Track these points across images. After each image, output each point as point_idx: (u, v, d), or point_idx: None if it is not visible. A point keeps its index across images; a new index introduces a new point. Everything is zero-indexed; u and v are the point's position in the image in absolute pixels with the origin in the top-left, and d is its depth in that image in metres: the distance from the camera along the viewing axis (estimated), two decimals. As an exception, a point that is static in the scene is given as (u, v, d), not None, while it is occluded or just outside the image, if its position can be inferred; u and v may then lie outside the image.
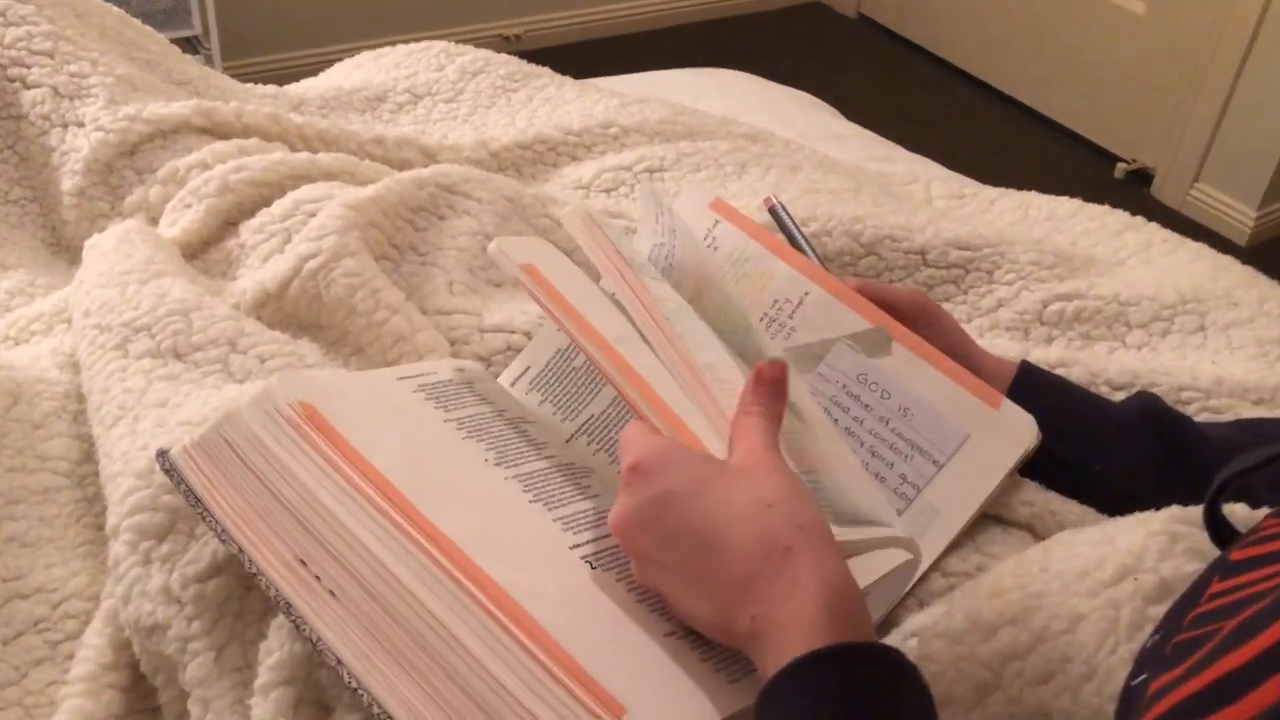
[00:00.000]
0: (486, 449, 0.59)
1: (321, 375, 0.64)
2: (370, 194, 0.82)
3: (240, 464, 0.55)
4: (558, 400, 0.69)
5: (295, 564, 0.52)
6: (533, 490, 0.57)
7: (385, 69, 1.24)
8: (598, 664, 0.48)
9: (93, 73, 1.00)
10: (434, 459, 0.57)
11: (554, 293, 0.58)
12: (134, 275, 0.77)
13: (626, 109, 1.14)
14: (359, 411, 0.57)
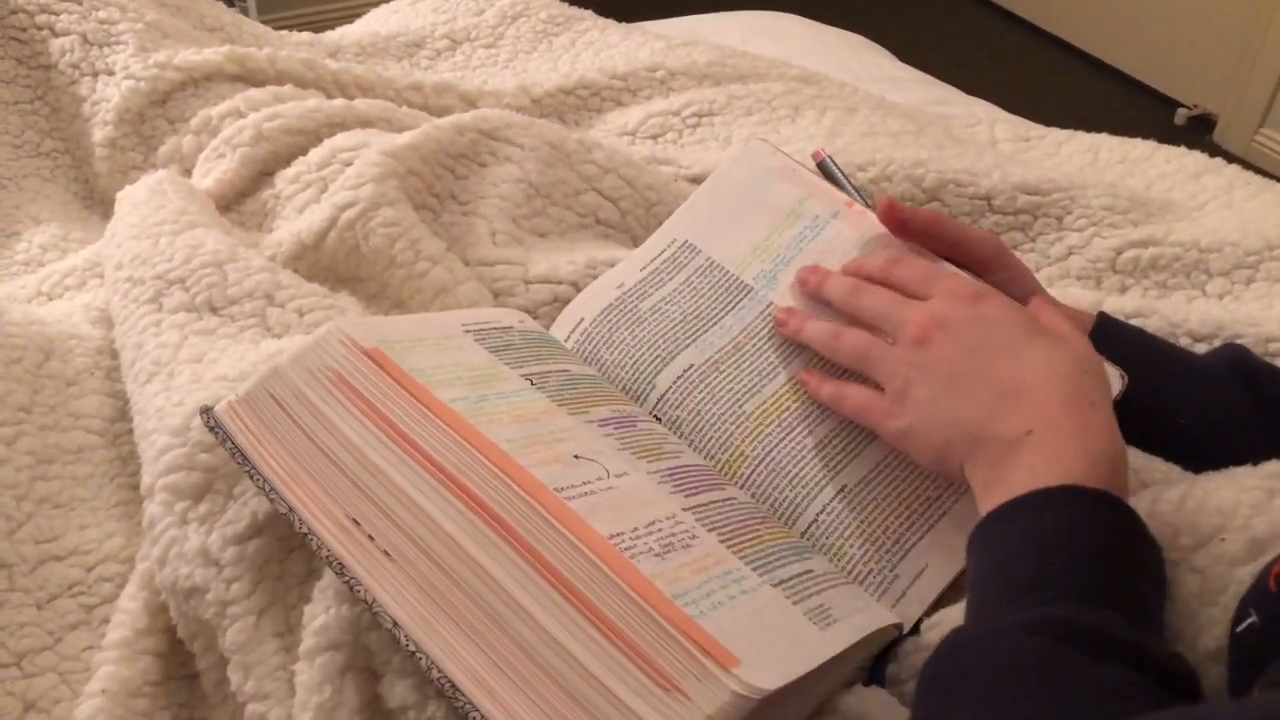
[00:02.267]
0: (557, 403, 0.56)
1: (385, 320, 0.61)
2: (408, 140, 0.78)
3: (288, 420, 0.52)
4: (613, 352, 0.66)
5: (348, 524, 0.49)
6: (621, 440, 0.55)
7: (422, 14, 1.20)
8: (700, 613, 0.46)
9: (121, 19, 0.97)
10: (507, 405, 0.54)
11: (403, 376, 0.53)
12: (167, 227, 0.74)
13: (673, 51, 1.10)
14: (428, 360, 0.54)
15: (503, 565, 0.47)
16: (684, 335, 0.65)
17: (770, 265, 0.67)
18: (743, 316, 0.65)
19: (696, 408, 0.63)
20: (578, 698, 0.44)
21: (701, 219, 0.70)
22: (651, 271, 0.69)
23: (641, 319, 0.66)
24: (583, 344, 0.67)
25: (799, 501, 0.59)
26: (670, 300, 0.67)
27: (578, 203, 0.80)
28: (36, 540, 0.60)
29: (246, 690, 0.52)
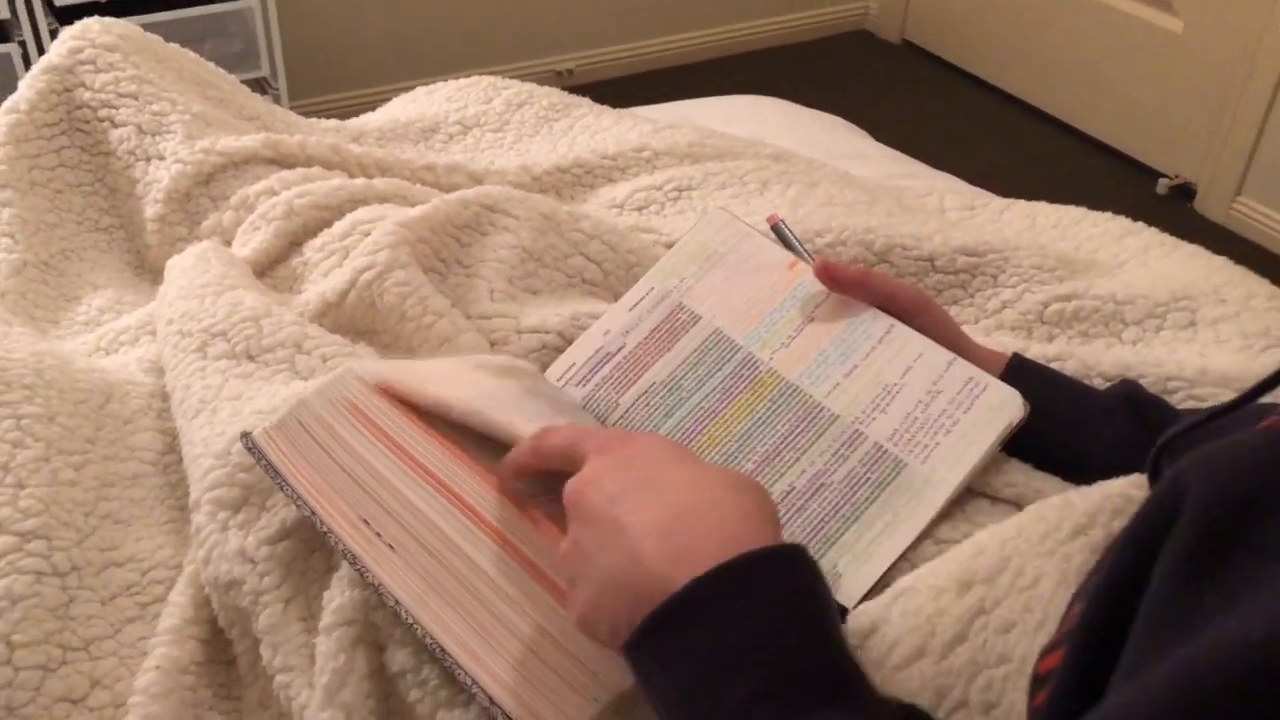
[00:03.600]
0: (543, 403, 0.68)
1: (394, 361, 0.73)
2: (420, 213, 0.90)
3: (312, 441, 0.63)
4: (596, 394, 0.78)
5: (360, 523, 0.60)
6: None
7: (437, 102, 1.34)
8: None
9: (172, 111, 1.11)
10: (492, 401, 0.65)
11: (413, 396, 0.65)
12: (210, 288, 0.87)
13: (659, 134, 1.22)
14: (422, 375, 0.66)
15: (483, 552, 0.58)
16: (651, 359, 0.78)
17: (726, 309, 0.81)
18: (691, 341, 0.78)
19: (656, 422, 0.74)
20: (544, 656, 0.55)
21: (671, 272, 0.83)
22: (632, 316, 0.81)
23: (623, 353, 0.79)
24: (571, 383, 0.78)
25: None
26: (644, 339, 0.79)
27: (566, 265, 0.92)
28: (100, 549, 0.72)
29: (275, 664, 0.63)
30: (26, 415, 0.75)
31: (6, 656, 0.64)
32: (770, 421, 0.75)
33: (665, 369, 0.78)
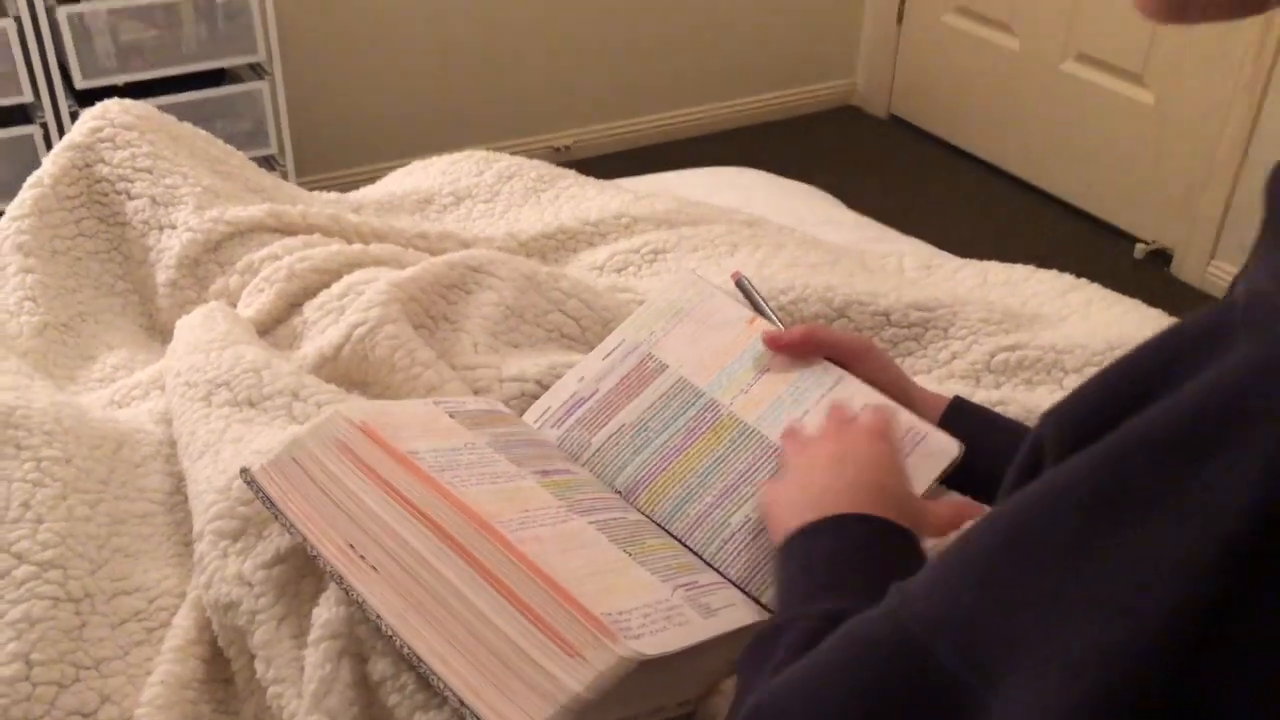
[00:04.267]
0: (506, 457, 0.74)
1: (369, 403, 0.80)
2: (410, 274, 0.98)
3: (304, 476, 0.70)
4: (569, 434, 0.85)
5: (346, 548, 0.67)
6: (546, 484, 0.73)
7: (432, 176, 1.42)
8: (589, 596, 0.63)
9: (184, 184, 1.19)
10: (461, 459, 0.72)
11: (386, 445, 0.71)
12: (216, 343, 0.94)
13: (638, 202, 1.31)
14: (398, 424, 0.73)
15: (454, 571, 0.64)
16: (621, 403, 0.84)
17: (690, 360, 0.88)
18: (659, 387, 0.85)
19: (624, 460, 0.81)
20: (507, 662, 0.61)
21: (642, 326, 0.91)
22: (605, 365, 0.88)
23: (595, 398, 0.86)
24: (546, 424, 0.85)
25: (715, 526, 0.77)
26: (615, 385, 0.87)
27: (546, 321, 0.99)
28: (112, 579, 0.78)
29: (269, 677, 0.69)
30: (46, 458, 0.82)
31: (24, 673, 0.70)
32: (730, 459, 0.82)
33: (634, 412, 0.85)
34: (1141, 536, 0.33)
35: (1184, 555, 0.32)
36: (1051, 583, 0.36)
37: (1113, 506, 0.34)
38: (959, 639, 0.39)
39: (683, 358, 0.89)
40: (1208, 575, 0.32)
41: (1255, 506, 0.31)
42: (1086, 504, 0.35)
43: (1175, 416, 0.33)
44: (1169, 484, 0.33)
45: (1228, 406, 0.32)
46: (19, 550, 0.76)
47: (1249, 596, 0.31)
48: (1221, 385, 0.32)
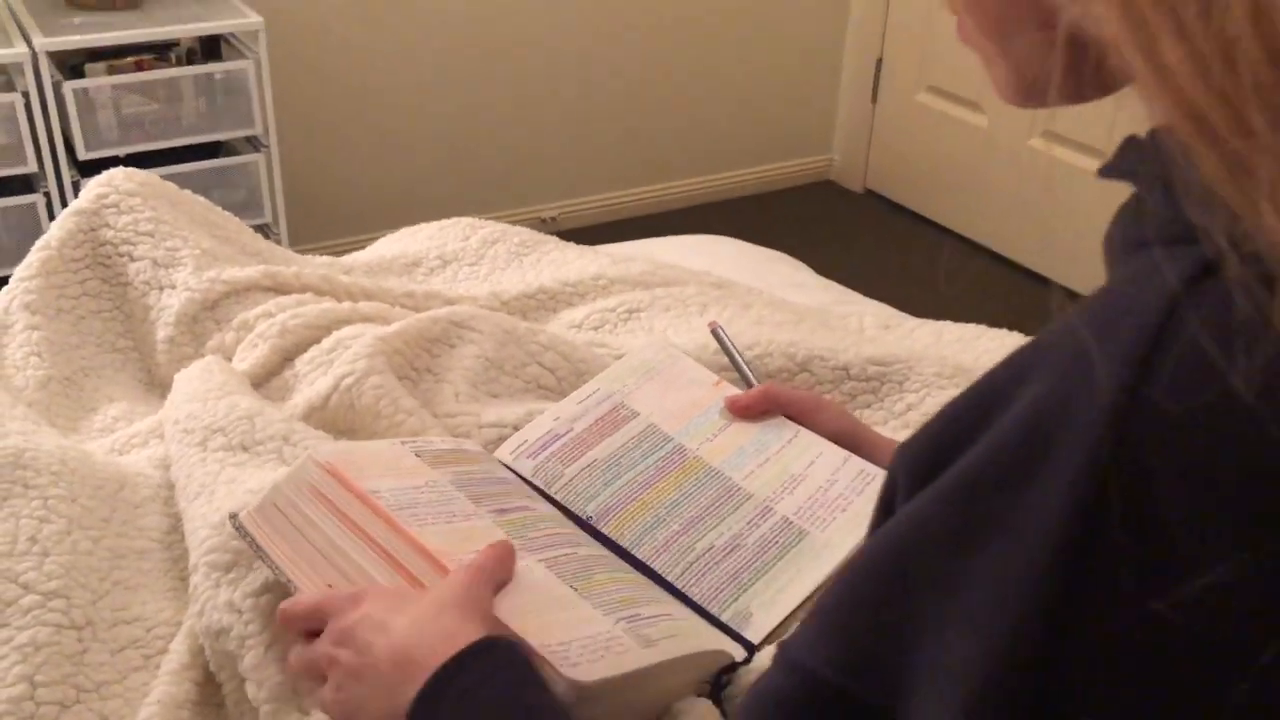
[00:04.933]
0: (465, 495, 0.80)
1: (341, 444, 0.86)
2: (396, 328, 1.04)
3: (285, 520, 0.76)
4: (544, 465, 0.91)
5: (324, 587, 0.73)
6: (497, 516, 0.79)
7: (420, 241, 1.50)
8: (531, 631, 0.68)
9: (184, 247, 1.26)
10: (421, 497, 0.78)
11: (351, 485, 0.77)
12: (212, 393, 1.00)
13: (615, 265, 1.38)
14: (364, 464, 0.79)
15: None
16: (594, 441, 0.91)
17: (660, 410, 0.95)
18: (629, 430, 0.92)
19: (596, 489, 0.87)
20: None
21: (615, 379, 0.97)
22: (580, 408, 0.95)
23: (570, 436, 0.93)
24: (522, 455, 0.91)
25: (681, 550, 0.83)
26: (589, 426, 0.93)
27: (524, 373, 1.06)
28: (112, 609, 0.83)
29: (260, 697, 0.74)
30: (52, 496, 0.87)
31: (29, 694, 0.75)
32: (695, 495, 0.88)
33: (606, 450, 0.91)
34: (987, 561, 0.37)
35: (1022, 571, 0.36)
36: (929, 607, 0.39)
37: (959, 538, 0.38)
38: (862, 667, 0.42)
39: (653, 408, 0.95)
40: (1043, 584, 0.36)
41: (1070, 518, 0.35)
42: (938, 538, 0.39)
43: (992, 452, 0.37)
44: (998, 513, 0.37)
45: (1029, 440, 0.36)
46: (26, 580, 0.81)
47: (1080, 597, 0.35)
48: (1022, 421, 0.37)
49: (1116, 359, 0.35)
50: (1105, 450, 0.34)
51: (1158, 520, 0.34)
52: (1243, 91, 0.31)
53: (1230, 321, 0.33)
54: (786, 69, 3.27)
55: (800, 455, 0.91)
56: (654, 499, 0.87)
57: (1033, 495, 0.36)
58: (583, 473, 0.89)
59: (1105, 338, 0.36)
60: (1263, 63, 0.31)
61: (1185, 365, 0.34)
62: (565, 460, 0.90)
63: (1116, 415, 0.34)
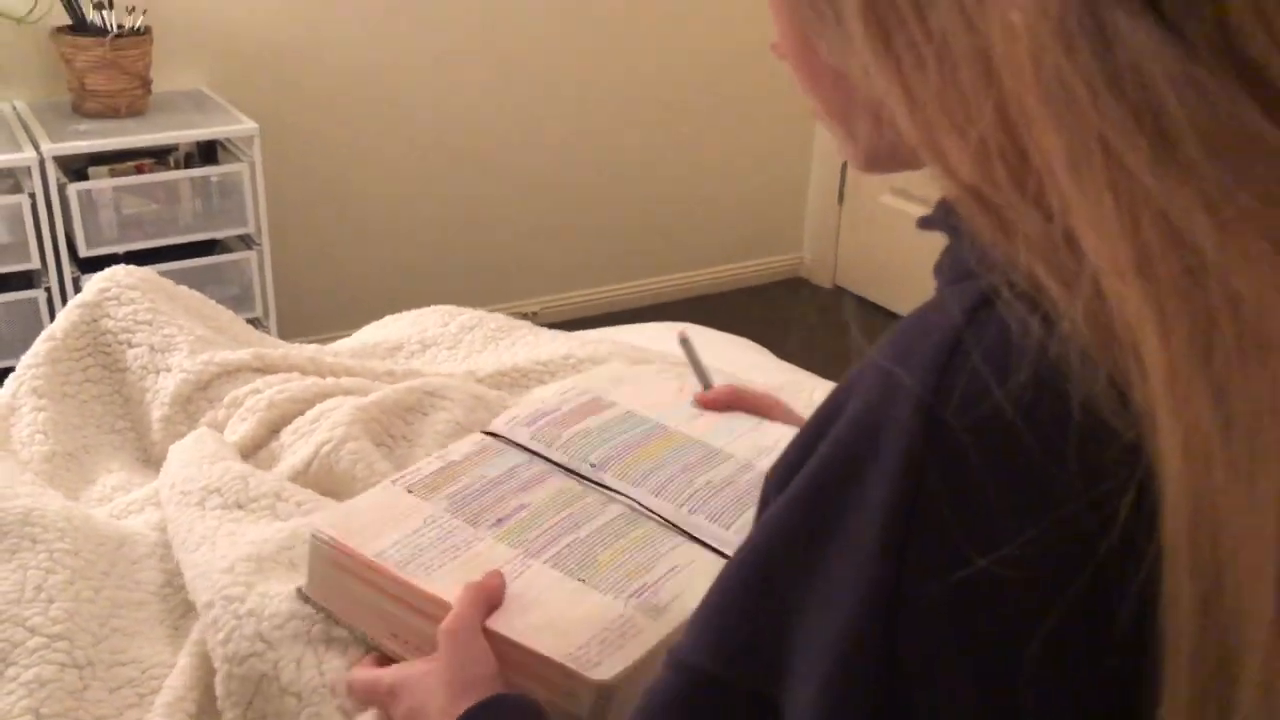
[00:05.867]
0: (463, 519, 0.88)
1: (340, 507, 0.95)
2: (373, 399, 1.14)
3: (332, 589, 0.86)
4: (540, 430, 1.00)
5: (392, 636, 0.83)
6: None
7: (402, 326, 1.60)
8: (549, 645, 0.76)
9: (179, 334, 1.35)
10: (425, 539, 0.86)
11: (359, 558, 0.86)
12: (206, 458, 1.09)
13: (585, 346, 1.48)
14: (364, 524, 0.87)
15: None
16: (582, 417, 1.01)
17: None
18: (612, 413, 1.03)
19: (593, 446, 0.98)
20: None
21: (588, 381, 1.09)
22: (562, 398, 1.05)
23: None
24: (517, 424, 1.00)
25: (681, 487, 0.93)
26: (574, 408, 1.03)
27: (492, 438, 1.15)
28: (111, 652, 0.91)
29: (305, 715, 0.81)
30: (58, 550, 0.95)
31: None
32: (683, 453, 0.98)
33: (595, 422, 1.01)
34: (832, 549, 0.44)
35: (861, 555, 0.43)
36: (796, 592, 0.45)
37: (809, 532, 0.45)
38: (743, 657, 0.46)
39: (629, 401, 1.05)
40: (878, 564, 0.42)
41: (892, 508, 0.42)
42: (792, 534, 0.45)
43: (827, 459, 0.44)
44: (837, 508, 0.44)
45: (855, 446, 0.43)
46: (32, 625, 0.89)
47: (910, 570, 0.42)
48: (848, 431, 0.44)
49: (915, 379, 0.42)
50: (916, 453, 0.41)
51: (963, 518, 0.40)
52: (1000, 178, 0.41)
53: (999, 348, 0.41)
54: (758, 172, 3.43)
55: (768, 434, 1.02)
56: (646, 455, 0.97)
57: (862, 490, 0.43)
58: (577, 435, 0.98)
59: (906, 362, 0.43)
60: (1013, 154, 0.40)
61: (967, 385, 0.40)
62: (559, 427, 0.99)
63: (918, 428, 0.41)
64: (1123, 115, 0.38)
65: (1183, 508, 0.36)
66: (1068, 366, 0.39)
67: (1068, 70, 0.39)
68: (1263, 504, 0.36)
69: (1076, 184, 0.38)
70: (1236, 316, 0.37)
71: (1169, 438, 0.37)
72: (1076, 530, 0.39)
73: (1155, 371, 0.37)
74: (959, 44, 0.41)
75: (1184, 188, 0.38)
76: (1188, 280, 0.37)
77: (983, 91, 0.40)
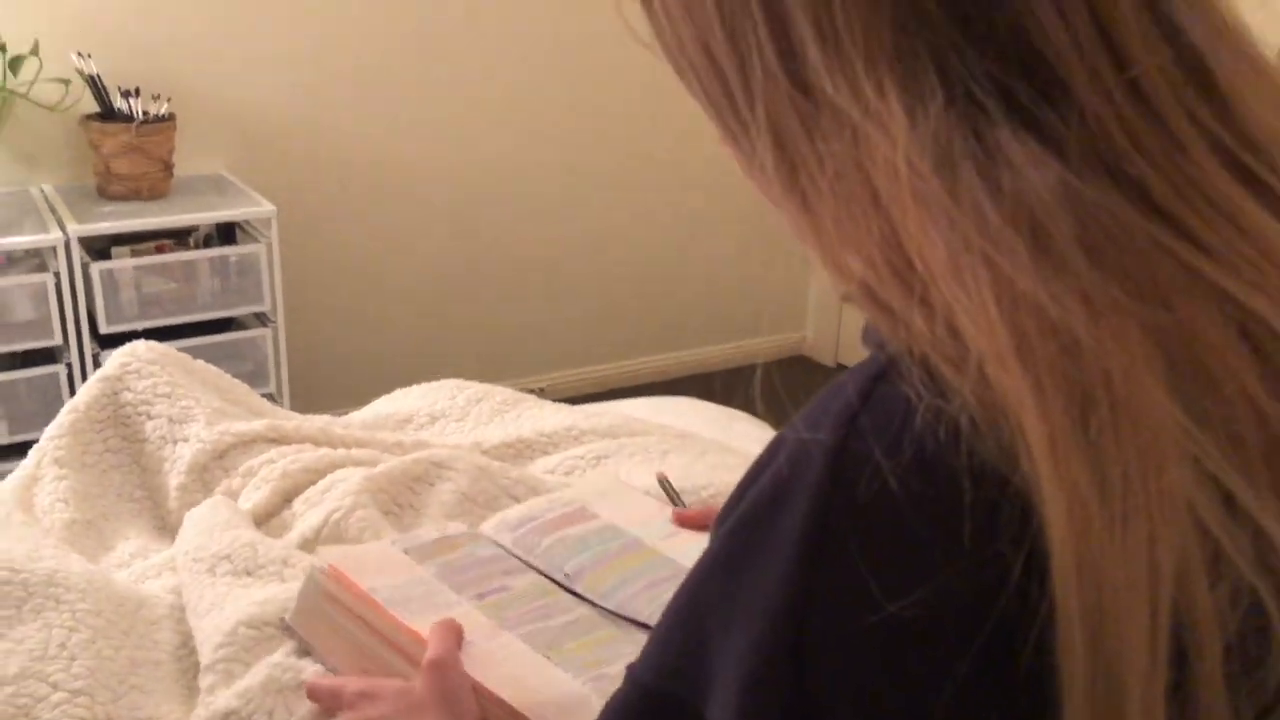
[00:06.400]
0: (449, 586, 0.93)
1: (342, 547, 1.00)
2: (382, 469, 1.19)
3: (317, 621, 0.91)
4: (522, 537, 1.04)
5: (360, 671, 0.86)
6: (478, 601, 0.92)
7: (412, 399, 1.65)
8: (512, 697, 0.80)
9: (196, 406, 1.41)
10: (413, 592, 0.91)
11: (353, 587, 0.92)
12: (219, 527, 1.13)
13: (589, 418, 1.53)
14: (361, 564, 0.92)
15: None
16: (565, 526, 1.05)
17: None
18: (592, 525, 1.06)
19: (569, 555, 1.02)
20: None
21: (574, 494, 1.12)
22: (547, 505, 1.09)
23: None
24: (503, 529, 1.05)
25: (648, 600, 0.96)
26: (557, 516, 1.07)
27: (496, 504, 1.19)
28: (129, 708, 0.95)
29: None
30: (80, 610, 1.00)
31: (57, 775, 0.86)
32: (653, 568, 1.01)
33: (575, 532, 1.05)
34: (752, 574, 0.48)
35: (772, 583, 0.47)
36: (720, 614, 0.50)
37: (735, 560, 0.49)
38: (679, 671, 0.51)
39: (611, 514, 1.10)
40: (787, 590, 0.46)
41: (802, 539, 0.46)
42: (722, 562, 0.50)
43: (753, 501, 0.48)
44: (758, 540, 0.48)
45: (775, 494, 0.47)
46: (55, 680, 0.93)
47: (821, 601, 0.46)
48: (771, 481, 0.48)
49: (822, 445, 0.46)
50: (821, 508, 0.45)
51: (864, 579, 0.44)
52: (888, 282, 0.46)
53: (895, 417, 0.45)
54: (761, 251, 3.50)
55: None
56: (620, 566, 1.01)
57: (777, 527, 0.47)
58: (556, 543, 1.03)
59: (817, 427, 0.47)
60: (900, 263, 0.45)
61: (865, 452, 0.44)
62: (540, 534, 1.04)
63: (826, 486, 0.45)
64: (1002, 225, 0.43)
65: (1069, 562, 0.40)
66: (960, 435, 0.43)
67: (948, 191, 0.44)
68: (1134, 554, 0.40)
69: (960, 287, 0.43)
70: (1109, 391, 0.41)
71: (1053, 502, 0.41)
72: (975, 583, 0.42)
73: (1037, 443, 0.41)
74: (849, 178, 0.46)
75: (1060, 285, 0.42)
76: (1064, 360, 0.41)
77: (872, 216, 0.46)
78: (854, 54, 0.47)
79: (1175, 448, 0.41)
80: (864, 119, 0.46)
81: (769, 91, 0.50)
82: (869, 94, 0.46)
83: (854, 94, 0.47)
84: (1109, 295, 0.42)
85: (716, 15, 0.52)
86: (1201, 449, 0.41)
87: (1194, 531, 0.41)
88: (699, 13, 0.53)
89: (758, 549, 0.48)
